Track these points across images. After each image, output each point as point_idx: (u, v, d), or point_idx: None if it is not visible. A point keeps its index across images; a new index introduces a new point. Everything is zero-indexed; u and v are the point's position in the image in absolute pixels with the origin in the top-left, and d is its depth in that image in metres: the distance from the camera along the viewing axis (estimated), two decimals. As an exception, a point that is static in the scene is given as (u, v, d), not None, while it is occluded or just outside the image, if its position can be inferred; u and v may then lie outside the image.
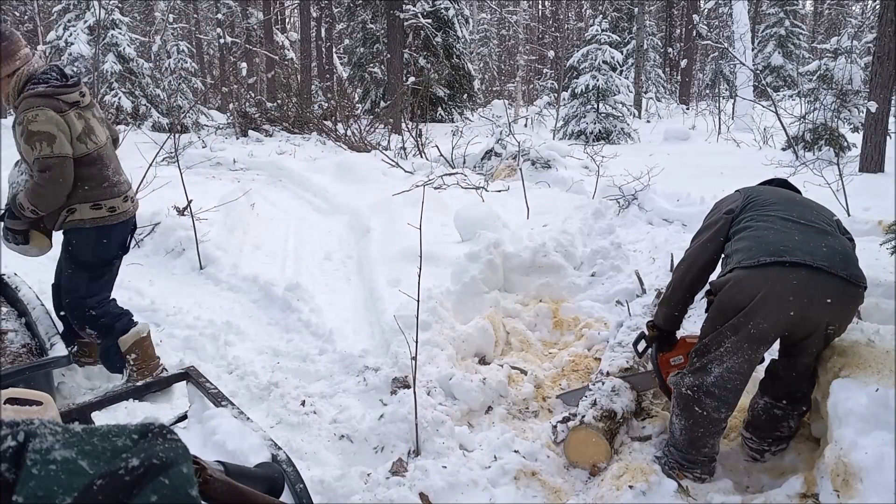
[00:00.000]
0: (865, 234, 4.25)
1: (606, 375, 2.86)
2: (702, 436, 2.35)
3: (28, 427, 0.58)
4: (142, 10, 25.43)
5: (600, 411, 2.61)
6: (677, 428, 2.40)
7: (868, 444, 2.00)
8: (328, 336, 3.59)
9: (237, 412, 1.56)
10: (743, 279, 2.23)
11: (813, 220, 2.36)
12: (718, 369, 2.27)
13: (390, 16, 14.56)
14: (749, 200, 2.50)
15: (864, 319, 3.23)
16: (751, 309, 2.19)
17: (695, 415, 2.33)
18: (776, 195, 2.51)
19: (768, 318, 2.19)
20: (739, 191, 2.63)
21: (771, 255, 2.20)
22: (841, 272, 2.17)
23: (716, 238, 2.49)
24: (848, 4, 27.40)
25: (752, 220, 2.39)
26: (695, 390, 2.32)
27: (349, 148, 10.71)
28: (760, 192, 2.56)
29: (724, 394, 2.29)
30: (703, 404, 2.30)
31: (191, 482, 0.62)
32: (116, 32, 14.33)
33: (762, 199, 2.48)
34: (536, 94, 23.86)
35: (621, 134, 13.06)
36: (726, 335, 2.25)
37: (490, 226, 4.71)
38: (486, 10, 29.38)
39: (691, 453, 2.37)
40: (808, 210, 2.43)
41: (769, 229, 2.31)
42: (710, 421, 2.32)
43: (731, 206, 2.51)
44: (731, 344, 2.24)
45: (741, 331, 2.22)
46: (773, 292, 2.17)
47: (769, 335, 2.24)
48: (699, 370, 2.32)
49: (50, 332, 2.66)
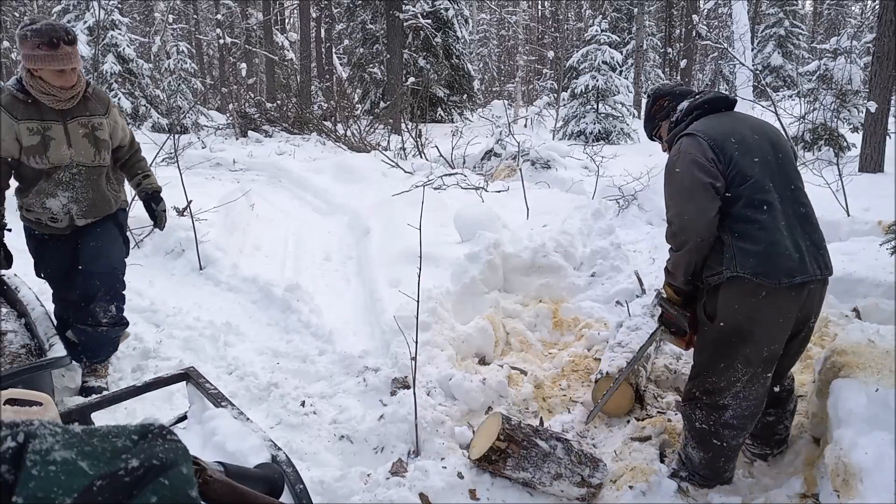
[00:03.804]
0: (865, 234, 4.25)
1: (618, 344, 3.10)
2: (723, 463, 2.32)
3: (28, 428, 0.58)
4: (141, 11, 25.43)
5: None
6: (695, 458, 2.34)
7: (868, 444, 2.00)
8: (328, 337, 3.59)
9: (237, 413, 1.56)
10: (750, 307, 2.09)
11: (798, 197, 2.16)
12: (736, 402, 2.19)
13: (390, 16, 14.56)
14: (733, 171, 2.14)
15: (864, 319, 3.23)
16: (761, 336, 2.10)
17: (714, 447, 2.27)
18: (758, 153, 2.17)
19: (777, 338, 2.13)
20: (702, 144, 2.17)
21: (784, 271, 2.04)
22: (825, 273, 2.15)
23: (717, 215, 2.16)
24: (847, 4, 27.41)
25: (754, 205, 2.11)
26: (712, 425, 2.24)
27: (349, 148, 10.71)
28: (743, 155, 2.16)
29: (742, 422, 2.23)
30: (722, 436, 2.24)
31: (191, 483, 0.62)
32: (116, 33, 14.33)
33: (744, 168, 2.13)
34: (536, 94, 23.86)
35: (621, 134, 13.07)
36: (737, 369, 2.15)
37: (490, 226, 4.70)
38: (485, 10, 29.38)
39: (713, 480, 2.35)
40: (782, 172, 2.17)
41: (776, 229, 2.08)
42: (730, 448, 2.28)
43: (711, 179, 2.13)
44: (747, 375, 2.15)
45: (753, 359, 2.13)
46: (780, 315, 2.10)
47: (779, 351, 2.18)
48: (714, 407, 2.22)
49: (49, 332, 2.66)
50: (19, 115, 2.72)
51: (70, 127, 2.81)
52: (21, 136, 2.72)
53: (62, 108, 2.77)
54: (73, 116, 2.82)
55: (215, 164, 9.18)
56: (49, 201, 2.88)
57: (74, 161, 2.84)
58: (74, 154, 2.83)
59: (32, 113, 2.74)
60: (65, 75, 2.69)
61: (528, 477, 2.32)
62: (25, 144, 2.73)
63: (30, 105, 2.73)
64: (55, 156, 2.78)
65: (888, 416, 2.05)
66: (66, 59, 2.65)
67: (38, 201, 2.87)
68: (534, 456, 2.31)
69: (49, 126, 2.77)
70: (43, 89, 2.70)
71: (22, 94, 2.73)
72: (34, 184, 2.85)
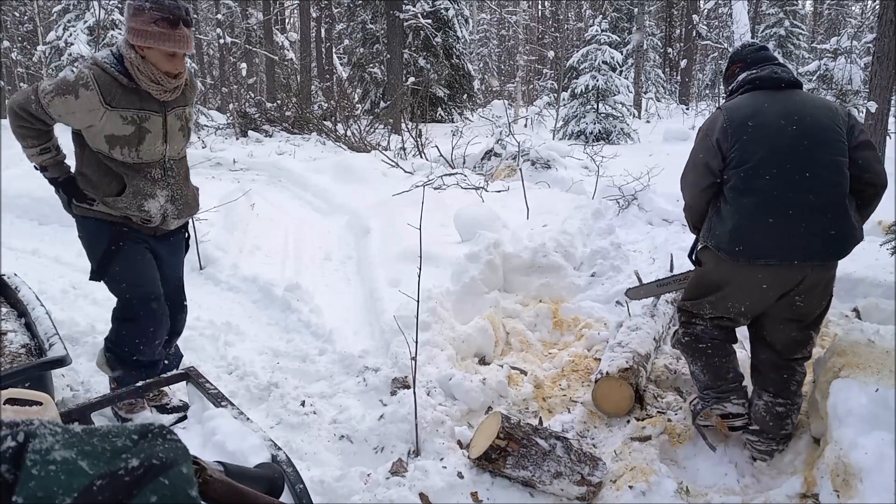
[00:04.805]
0: (865, 234, 4.25)
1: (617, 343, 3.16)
2: (719, 364, 2.54)
3: (28, 427, 0.58)
4: (141, 11, 25.38)
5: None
6: (698, 371, 2.60)
7: (868, 444, 2.01)
8: (328, 336, 3.59)
9: (237, 412, 1.56)
10: (715, 271, 2.42)
11: (811, 185, 2.20)
12: (703, 323, 2.55)
13: (390, 16, 14.56)
14: (733, 153, 2.29)
15: (864, 319, 3.23)
16: (724, 295, 2.41)
17: (702, 350, 2.55)
18: (775, 139, 2.25)
19: (740, 302, 2.40)
20: (718, 122, 2.36)
21: (745, 253, 2.26)
22: (817, 258, 2.22)
23: (708, 189, 2.41)
24: (847, 4, 27.40)
25: (738, 190, 2.26)
26: (691, 335, 2.58)
27: (349, 148, 10.70)
28: (753, 139, 2.28)
29: (717, 332, 2.53)
30: (703, 339, 2.54)
31: (190, 482, 0.62)
32: (116, 33, 14.32)
33: (745, 154, 2.27)
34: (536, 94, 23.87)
35: (621, 134, 13.06)
36: (705, 307, 2.51)
37: (490, 226, 4.70)
38: (485, 10, 29.38)
39: (720, 384, 2.54)
40: (799, 160, 2.22)
41: (752, 215, 2.23)
42: (718, 348, 2.53)
43: (708, 159, 2.36)
44: (712, 313, 2.51)
45: (719, 307, 2.46)
46: (743, 287, 2.36)
47: (746, 314, 2.44)
48: (687, 324, 2.60)
49: (49, 332, 2.66)
50: (114, 102, 2.36)
51: (169, 119, 2.50)
52: (107, 123, 2.37)
53: (164, 100, 2.46)
54: (172, 107, 2.51)
55: (215, 164, 9.18)
56: (148, 203, 2.52)
57: (167, 156, 2.54)
58: (168, 149, 2.54)
59: (132, 100, 2.39)
60: (175, 60, 2.38)
61: (528, 476, 2.32)
62: (115, 133, 2.38)
63: (130, 91, 2.38)
64: (148, 151, 2.47)
65: (888, 416, 2.05)
66: (183, 41, 2.34)
67: (136, 203, 2.50)
68: (533, 454, 2.31)
69: (147, 117, 2.43)
70: (152, 76, 2.37)
71: (124, 78, 2.37)
72: (115, 178, 2.47)
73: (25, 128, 2.41)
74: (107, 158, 2.44)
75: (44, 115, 2.37)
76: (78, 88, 2.31)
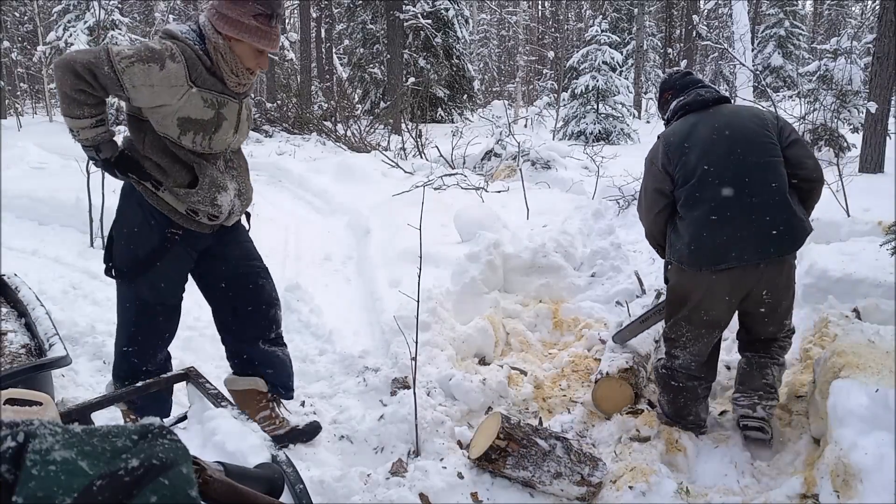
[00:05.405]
0: (865, 234, 4.25)
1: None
2: (684, 405, 2.64)
3: (28, 428, 0.58)
4: (142, 11, 25.42)
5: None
6: (664, 402, 2.73)
7: (868, 445, 2.00)
8: (328, 337, 3.59)
9: (237, 413, 1.56)
10: (683, 283, 2.53)
11: (751, 189, 2.36)
12: (682, 353, 2.60)
13: (390, 16, 14.56)
14: (679, 173, 2.46)
15: (864, 320, 3.23)
16: (696, 305, 2.50)
17: (673, 388, 2.64)
18: (710, 152, 2.42)
19: (713, 308, 2.48)
20: (659, 149, 2.56)
21: (705, 261, 2.39)
22: (771, 255, 2.36)
23: (663, 211, 2.58)
24: (847, 5, 27.40)
25: (688, 205, 2.44)
26: (668, 369, 2.66)
27: (349, 148, 10.71)
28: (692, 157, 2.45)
29: (693, 368, 2.60)
30: (677, 378, 2.62)
31: (190, 483, 0.62)
32: (116, 33, 14.33)
33: (688, 171, 2.44)
34: (536, 94, 23.86)
35: (621, 134, 13.07)
36: (682, 325, 2.56)
37: (490, 226, 4.70)
38: (485, 10, 29.38)
39: (679, 421, 2.67)
40: (736, 167, 2.38)
41: (703, 225, 2.39)
42: (687, 390, 2.61)
43: (658, 185, 2.55)
44: (689, 332, 2.55)
45: (694, 320, 2.52)
46: (710, 293, 2.45)
47: (720, 321, 2.52)
48: (668, 355, 2.67)
49: (49, 332, 2.66)
50: (199, 81, 2.12)
51: (242, 108, 2.30)
52: (187, 103, 2.10)
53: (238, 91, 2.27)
54: (244, 96, 2.32)
55: (215, 164, 9.18)
56: (221, 196, 2.28)
57: (230, 147, 2.33)
58: (237, 140, 2.33)
59: (214, 83, 2.17)
60: (262, 57, 2.23)
61: (528, 476, 2.32)
62: (191, 115, 2.12)
63: (211, 73, 2.16)
64: (220, 141, 2.23)
65: (888, 416, 2.05)
66: (276, 40, 2.21)
67: (209, 196, 2.24)
68: (533, 454, 2.31)
69: (226, 102, 2.21)
70: (234, 68, 2.18)
71: (206, 58, 2.15)
72: (186, 168, 2.22)
73: (86, 92, 2.00)
74: (174, 145, 2.16)
75: (111, 83, 1.99)
76: (165, 59, 2.02)
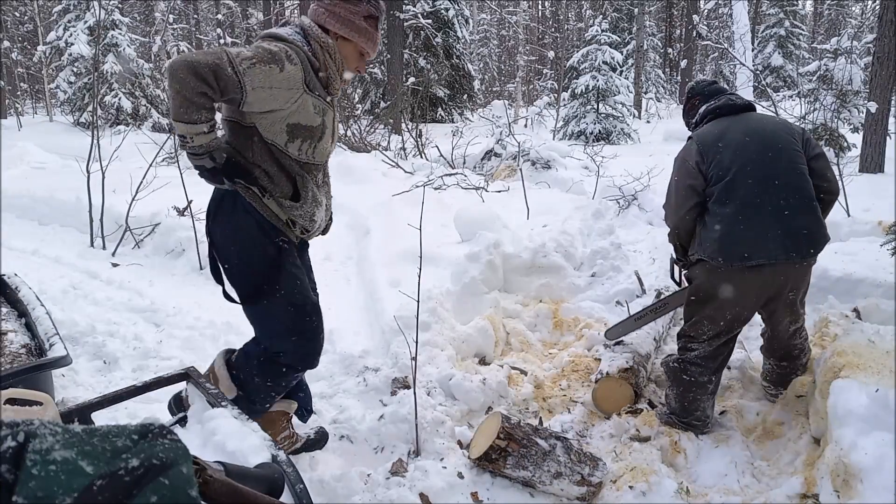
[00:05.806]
0: (865, 234, 4.26)
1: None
2: (692, 400, 2.66)
3: (28, 427, 0.58)
4: (142, 11, 25.44)
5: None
6: (672, 396, 2.75)
7: (868, 445, 2.00)
8: (328, 336, 3.56)
9: (237, 412, 1.56)
10: (711, 281, 2.54)
11: (782, 191, 2.43)
12: (700, 347, 2.64)
13: (390, 16, 14.56)
14: (712, 171, 2.52)
15: (864, 320, 3.23)
16: (722, 303, 2.52)
17: (683, 382, 2.67)
18: (743, 153, 2.49)
19: (737, 305, 2.52)
20: (692, 148, 2.61)
21: (736, 255, 2.43)
22: (796, 257, 2.43)
23: (693, 209, 2.62)
24: (848, 5, 27.40)
25: (721, 201, 2.49)
26: (681, 362, 2.69)
27: (349, 148, 10.70)
28: (726, 157, 2.51)
29: (707, 363, 2.64)
30: (689, 372, 2.65)
31: (191, 482, 0.62)
32: (116, 33, 14.34)
33: (722, 170, 2.50)
34: (536, 94, 23.87)
35: (621, 134, 13.07)
36: (704, 324, 2.60)
37: (490, 226, 4.70)
38: (485, 10, 29.37)
39: (686, 417, 2.70)
40: (768, 170, 2.45)
41: (735, 221, 2.44)
42: (698, 385, 2.64)
43: (691, 181, 2.59)
44: (711, 330, 2.59)
45: (717, 319, 2.56)
46: (739, 291, 2.49)
47: (743, 319, 2.59)
48: (683, 349, 2.70)
49: (49, 332, 2.66)
50: (311, 85, 2.02)
51: (336, 116, 2.22)
52: (299, 108, 2.01)
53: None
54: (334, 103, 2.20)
55: (215, 164, 9.17)
56: (318, 212, 2.18)
57: (328, 158, 2.21)
58: (331, 150, 2.21)
59: (320, 88, 2.07)
60: (362, 61, 2.16)
61: (528, 476, 2.32)
62: (301, 122, 2.02)
63: (318, 77, 2.05)
64: (321, 150, 2.13)
65: (888, 416, 2.05)
66: (377, 45, 2.15)
67: (310, 211, 2.14)
68: (534, 454, 2.31)
69: (326, 110, 2.11)
70: (340, 69, 2.11)
71: (315, 60, 2.05)
72: (289, 179, 2.09)
73: (206, 95, 1.84)
74: (280, 153, 2.05)
75: (232, 85, 1.86)
76: (283, 61, 1.93)
